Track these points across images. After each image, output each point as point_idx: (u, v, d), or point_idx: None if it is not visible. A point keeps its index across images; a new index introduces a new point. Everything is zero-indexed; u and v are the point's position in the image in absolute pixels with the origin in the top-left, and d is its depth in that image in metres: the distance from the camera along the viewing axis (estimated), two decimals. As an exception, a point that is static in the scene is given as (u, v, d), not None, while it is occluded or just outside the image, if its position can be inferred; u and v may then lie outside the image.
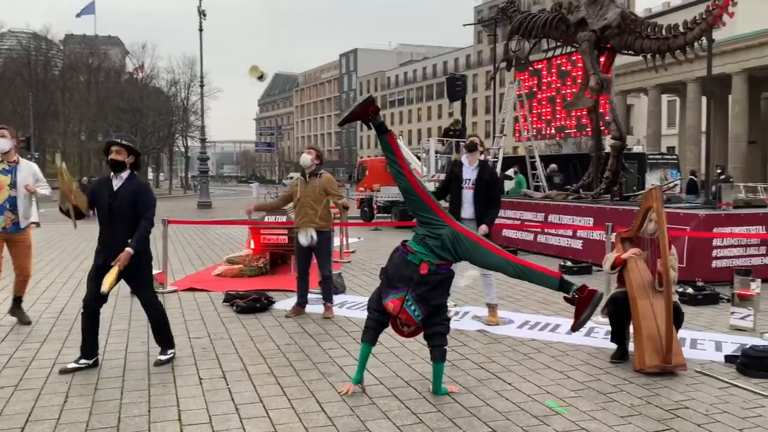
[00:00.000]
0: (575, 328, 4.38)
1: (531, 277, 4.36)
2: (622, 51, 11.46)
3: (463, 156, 6.72)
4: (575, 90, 13.05)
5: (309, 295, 6.99)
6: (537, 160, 15.45)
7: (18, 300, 6.39)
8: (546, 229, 11.55)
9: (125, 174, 4.96)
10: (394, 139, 4.54)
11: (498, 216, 7.06)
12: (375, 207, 19.82)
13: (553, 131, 15.88)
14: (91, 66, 60.92)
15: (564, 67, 14.54)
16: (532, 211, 12.06)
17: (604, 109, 12.48)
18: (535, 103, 15.64)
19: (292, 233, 7.77)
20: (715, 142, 30.67)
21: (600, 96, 11.79)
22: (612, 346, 5.34)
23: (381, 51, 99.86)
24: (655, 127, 41.97)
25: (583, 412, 4.11)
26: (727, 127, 37.65)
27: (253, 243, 9.60)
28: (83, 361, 4.89)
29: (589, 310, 4.22)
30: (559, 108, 14.80)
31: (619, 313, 5.19)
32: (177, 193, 56.98)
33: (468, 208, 6.50)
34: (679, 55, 10.47)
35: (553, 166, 16.36)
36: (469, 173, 6.56)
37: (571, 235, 10.89)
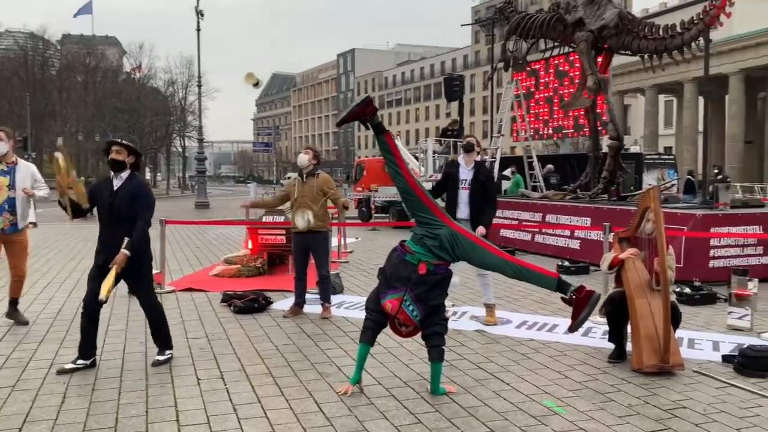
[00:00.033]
0: (573, 328, 4.39)
1: (529, 277, 4.37)
2: (620, 51, 11.47)
3: (460, 156, 6.73)
4: (573, 90, 13.08)
5: (307, 296, 6.98)
6: (534, 161, 15.47)
7: (14, 302, 6.38)
8: (544, 229, 11.55)
9: (125, 174, 4.95)
10: (392, 139, 4.54)
11: (495, 216, 7.07)
12: (373, 207, 19.82)
13: (550, 131, 15.93)
14: (88, 66, 60.80)
15: (561, 68, 14.58)
16: (530, 211, 12.07)
17: (602, 109, 12.50)
18: (532, 104, 15.68)
19: (290, 233, 7.75)
20: (711, 142, 30.70)
21: (597, 96, 11.81)
22: (610, 345, 5.35)
23: (378, 51, 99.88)
24: (652, 127, 42.05)
25: (581, 412, 4.11)
26: (723, 127, 37.74)
27: (250, 243, 9.59)
28: (81, 361, 4.88)
29: (586, 310, 4.22)
30: (556, 108, 14.84)
31: (617, 312, 5.19)
32: (174, 194, 56.93)
33: (464, 209, 6.50)
34: (677, 55, 10.48)
35: (549, 166, 16.38)
36: (465, 174, 6.56)
37: (568, 235, 10.90)
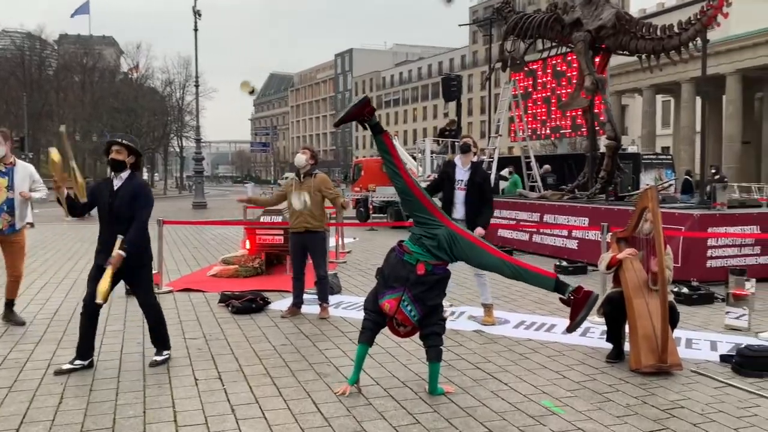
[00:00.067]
0: (571, 329, 4.39)
1: (527, 277, 4.37)
2: (617, 51, 11.48)
3: (457, 157, 6.73)
4: (570, 90, 13.08)
5: (305, 296, 6.98)
6: (532, 160, 15.47)
7: (10, 303, 6.37)
8: (541, 229, 11.56)
9: (125, 174, 4.95)
10: (390, 139, 4.54)
11: (493, 216, 7.08)
12: (371, 207, 19.82)
13: (548, 131, 15.92)
14: (85, 66, 60.69)
15: (559, 68, 14.58)
16: (528, 211, 12.07)
17: (599, 109, 12.51)
18: (530, 104, 15.67)
19: (287, 233, 7.75)
20: (709, 143, 30.72)
21: (595, 96, 11.82)
22: (607, 345, 5.35)
23: (376, 51, 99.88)
24: (649, 128, 42.10)
25: (579, 412, 4.11)
26: (721, 127, 37.80)
27: (248, 243, 9.58)
28: (78, 361, 4.87)
29: (584, 311, 4.22)
30: (554, 108, 14.84)
31: (615, 312, 5.20)
32: (172, 194, 56.88)
33: (459, 209, 6.50)
34: (674, 55, 10.49)
35: (546, 166, 16.38)
36: (461, 174, 6.56)
37: (566, 235, 10.91)
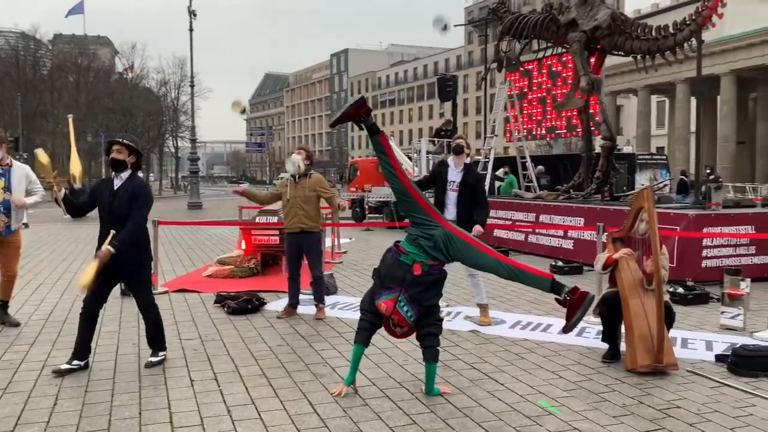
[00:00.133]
0: (567, 329, 4.39)
1: (523, 278, 4.37)
2: (613, 52, 11.51)
3: (450, 157, 6.72)
4: (566, 91, 13.11)
5: (300, 296, 6.96)
6: (528, 161, 15.49)
7: (4, 305, 6.34)
8: (537, 230, 11.57)
9: (126, 174, 4.93)
10: (386, 140, 4.53)
11: (489, 216, 7.08)
12: (366, 207, 19.81)
13: (543, 132, 15.95)
14: (80, 66, 60.43)
15: (554, 68, 14.60)
16: (523, 211, 12.09)
17: (595, 109, 12.53)
18: (525, 104, 15.69)
19: (283, 234, 7.74)
20: (703, 143, 30.87)
21: (590, 97, 11.84)
22: (603, 345, 5.36)
23: (372, 51, 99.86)
24: (644, 128, 42.19)
25: (575, 412, 4.11)
26: (715, 127, 37.90)
27: (244, 244, 9.57)
28: (76, 362, 4.86)
29: (580, 312, 4.23)
30: (549, 108, 14.86)
31: (611, 312, 5.20)
32: (167, 194, 56.75)
33: (451, 210, 6.50)
34: (669, 56, 10.52)
35: (540, 167, 16.39)
36: (454, 175, 6.56)
37: (562, 235, 10.93)
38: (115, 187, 4.89)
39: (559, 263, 9.83)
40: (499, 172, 17.31)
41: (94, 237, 4.99)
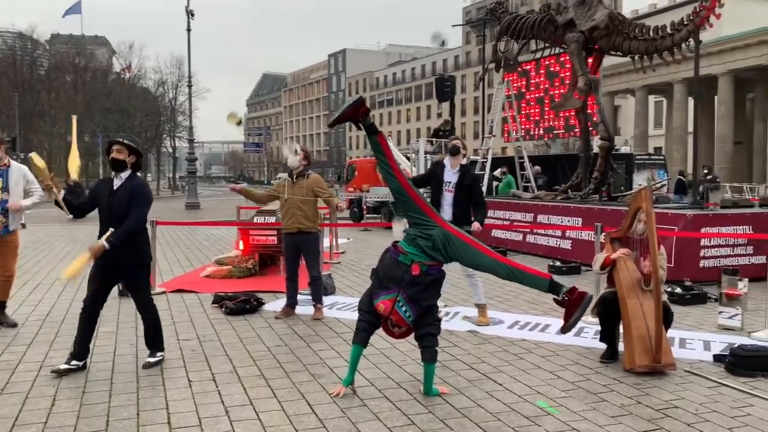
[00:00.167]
0: (565, 330, 4.39)
1: (521, 278, 4.37)
2: (610, 52, 11.51)
3: (446, 158, 6.72)
4: (563, 91, 13.12)
5: (299, 297, 6.96)
6: (526, 161, 15.51)
7: (2, 305, 6.33)
8: (535, 230, 11.58)
9: (126, 174, 4.93)
10: (385, 140, 4.53)
11: (487, 217, 7.08)
12: (364, 207, 19.81)
13: (541, 132, 15.97)
14: (77, 66, 60.33)
15: (552, 68, 14.61)
16: (521, 211, 12.09)
17: (592, 109, 12.54)
18: (523, 104, 15.71)
19: (281, 234, 7.74)
20: (701, 143, 30.88)
21: (588, 97, 11.85)
22: (601, 345, 5.36)
23: (369, 51, 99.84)
24: (642, 128, 42.27)
25: (573, 412, 4.12)
26: (713, 127, 37.98)
27: (242, 244, 9.56)
28: (75, 362, 4.85)
29: (578, 312, 4.23)
30: (547, 109, 14.88)
31: (609, 313, 5.21)
32: (165, 194, 56.68)
33: (447, 211, 6.49)
34: (667, 56, 10.53)
35: (536, 167, 16.41)
36: (450, 176, 6.55)
37: (560, 235, 10.93)
38: (115, 187, 4.89)
39: (557, 263, 9.83)
40: (497, 173, 17.32)
41: (93, 237, 4.99)
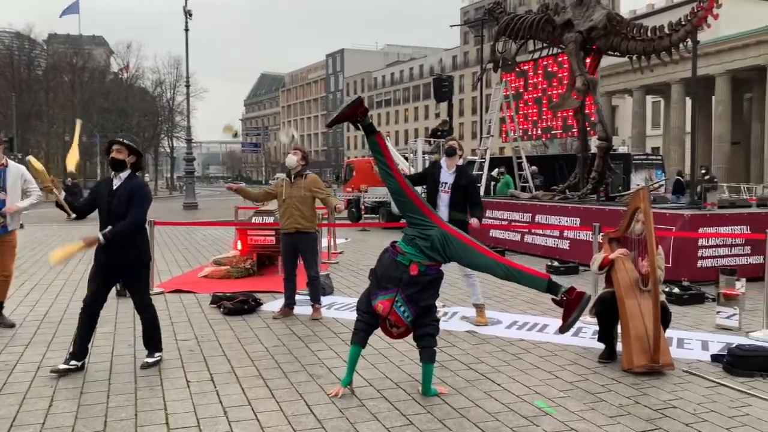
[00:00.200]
0: (563, 330, 4.39)
1: (519, 278, 4.37)
2: (608, 52, 11.52)
3: (443, 159, 6.71)
4: (561, 91, 13.12)
5: (297, 297, 6.96)
6: (524, 161, 15.51)
7: (0, 306, 6.32)
8: (533, 230, 11.58)
9: (125, 174, 4.93)
10: (383, 140, 4.53)
11: (485, 217, 7.08)
12: (362, 208, 19.80)
13: (539, 132, 15.96)
14: (75, 66, 60.29)
15: (550, 69, 14.61)
16: (519, 211, 12.10)
17: (590, 110, 12.55)
18: (521, 104, 15.70)
19: (279, 234, 7.73)
20: (699, 143, 30.90)
21: (586, 97, 11.85)
22: (600, 345, 5.36)
23: (367, 51, 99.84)
24: (639, 128, 42.30)
25: (572, 413, 4.12)
26: (710, 127, 38.02)
27: (240, 244, 9.55)
28: (74, 362, 4.84)
29: (577, 312, 4.23)
30: (545, 109, 14.87)
31: (607, 313, 5.21)
32: (162, 194, 56.65)
33: (443, 211, 6.48)
34: (665, 56, 10.54)
35: (533, 167, 16.41)
36: (446, 177, 6.55)
37: (557, 235, 10.94)
38: (114, 187, 4.88)
39: (555, 263, 9.84)
40: (494, 173, 17.32)
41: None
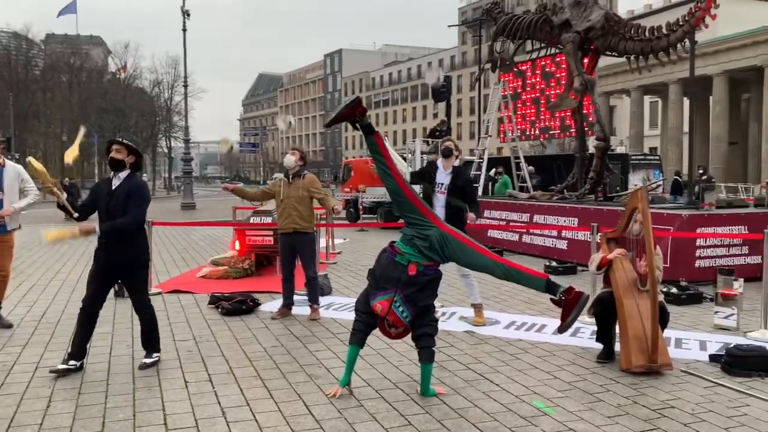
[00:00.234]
0: (562, 329, 4.39)
1: (518, 278, 4.36)
2: (606, 52, 11.53)
3: (439, 160, 6.71)
4: (559, 91, 13.12)
5: (295, 297, 6.95)
6: (522, 161, 15.53)
7: None
8: (531, 230, 11.59)
9: (124, 174, 4.92)
10: (382, 140, 4.53)
11: (483, 217, 7.07)
12: (361, 208, 19.80)
13: (537, 132, 15.96)
14: (72, 66, 60.24)
15: (548, 69, 14.61)
16: (517, 211, 12.10)
17: (588, 110, 12.55)
18: (519, 104, 15.71)
19: (277, 234, 7.73)
20: (696, 143, 30.95)
21: (584, 97, 11.86)
22: (598, 346, 5.36)
23: (365, 51, 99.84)
24: (637, 128, 42.35)
25: (570, 413, 4.12)
26: (708, 128, 38.08)
27: (238, 244, 9.54)
28: (73, 362, 4.83)
29: (575, 312, 4.22)
30: (543, 109, 14.88)
31: (605, 313, 5.21)
32: (160, 194, 56.58)
33: (439, 212, 6.46)
34: (662, 56, 10.55)
35: (530, 167, 16.43)
36: (442, 178, 6.54)
37: (556, 235, 10.94)
38: (113, 187, 4.88)
39: (553, 263, 9.84)
40: (491, 172, 17.33)
41: (87, 238, 4.97)
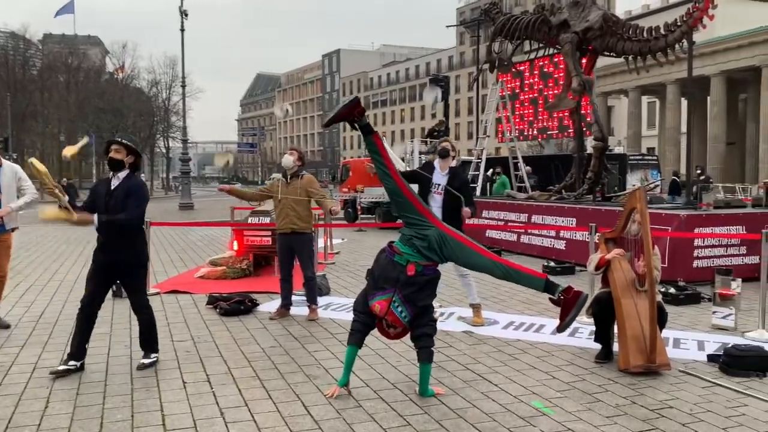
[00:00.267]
0: (561, 329, 4.40)
1: (517, 278, 4.37)
2: (604, 53, 11.55)
3: (436, 160, 6.71)
4: (557, 91, 13.14)
5: (293, 297, 6.95)
6: (520, 161, 15.54)
7: None
8: (529, 230, 11.60)
9: (123, 174, 4.92)
10: (380, 140, 4.52)
11: (481, 217, 7.08)
12: (359, 208, 19.80)
13: (535, 132, 16.00)
14: (70, 66, 60.15)
15: (546, 69, 14.64)
16: (516, 211, 12.11)
17: (586, 110, 12.58)
18: (517, 105, 15.74)
19: (275, 235, 7.73)
20: (694, 143, 31.00)
21: (582, 97, 11.88)
22: (596, 346, 5.37)
23: (364, 51, 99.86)
24: (635, 128, 42.40)
25: (569, 413, 4.12)
26: (705, 128, 38.12)
27: (236, 244, 9.54)
28: (72, 362, 4.82)
29: (574, 311, 4.23)
30: (541, 109, 14.91)
31: (604, 313, 5.22)
32: (158, 195, 56.53)
33: (436, 212, 6.47)
34: (660, 57, 10.57)
35: (527, 168, 16.45)
36: (439, 178, 6.54)
37: (554, 235, 10.95)
38: (112, 187, 4.88)
39: (552, 264, 9.85)
40: (489, 173, 17.34)
41: (85, 238, 4.98)
